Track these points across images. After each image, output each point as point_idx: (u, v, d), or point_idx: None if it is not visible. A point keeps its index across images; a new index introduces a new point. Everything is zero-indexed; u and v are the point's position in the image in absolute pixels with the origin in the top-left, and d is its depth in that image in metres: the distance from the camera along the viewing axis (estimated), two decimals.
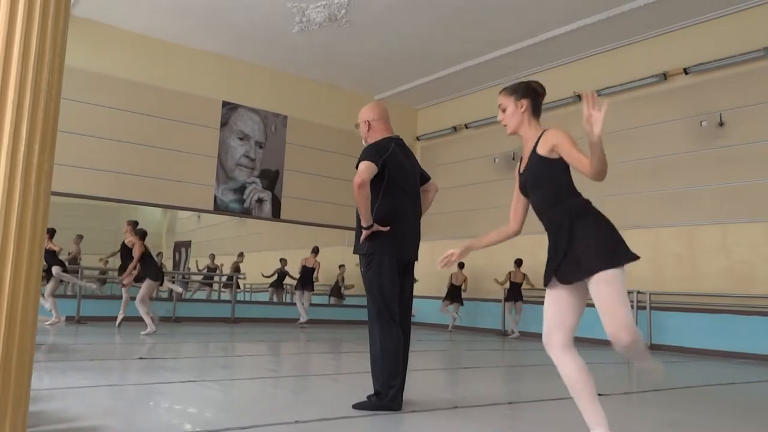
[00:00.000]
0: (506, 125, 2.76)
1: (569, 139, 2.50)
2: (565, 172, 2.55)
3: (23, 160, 1.86)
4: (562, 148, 2.49)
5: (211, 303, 13.40)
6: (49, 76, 1.94)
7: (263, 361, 6.48)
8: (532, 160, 2.63)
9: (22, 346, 1.86)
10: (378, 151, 3.59)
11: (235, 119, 11.78)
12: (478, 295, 11.93)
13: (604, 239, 2.43)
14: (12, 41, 1.86)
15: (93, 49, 10.14)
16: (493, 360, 7.46)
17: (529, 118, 2.71)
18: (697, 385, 5.71)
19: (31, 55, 1.89)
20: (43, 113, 1.92)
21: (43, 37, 1.92)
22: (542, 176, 2.59)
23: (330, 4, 9.43)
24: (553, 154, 2.54)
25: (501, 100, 2.77)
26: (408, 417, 3.38)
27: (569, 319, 2.50)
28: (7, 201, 1.83)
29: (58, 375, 4.41)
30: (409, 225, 3.68)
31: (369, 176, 3.48)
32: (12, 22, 1.86)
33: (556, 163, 2.54)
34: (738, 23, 8.88)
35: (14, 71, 1.86)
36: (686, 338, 8.80)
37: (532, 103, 2.71)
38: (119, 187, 10.37)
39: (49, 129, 1.94)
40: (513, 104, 2.72)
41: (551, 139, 2.54)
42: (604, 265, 2.35)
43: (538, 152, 2.59)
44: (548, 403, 4.11)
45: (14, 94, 1.85)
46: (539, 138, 2.61)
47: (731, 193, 8.72)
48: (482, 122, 12.37)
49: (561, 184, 2.56)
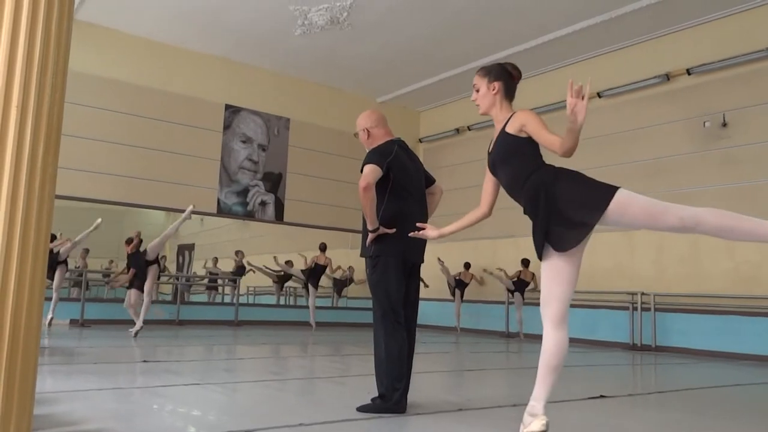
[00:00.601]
0: (478, 105, 2.84)
1: (538, 119, 2.58)
2: (534, 147, 2.63)
3: (27, 163, 1.86)
4: (531, 128, 2.57)
5: (214, 306, 13.41)
6: (53, 79, 1.95)
7: (266, 363, 6.48)
8: (501, 139, 2.71)
9: (27, 349, 1.86)
10: (382, 154, 3.60)
11: (238, 122, 11.80)
12: (482, 297, 11.91)
13: (584, 184, 2.50)
14: (16, 45, 1.87)
15: (96, 53, 10.18)
16: (498, 362, 7.45)
17: (501, 99, 2.78)
18: (702, 386, 5.69)
19: (35, 59, 1.89)
20: (47, 117, 1.92)
21: (47, 41, 1.93)
22: (510, 153, 2.66)
23: (332, 7, 9.45)
24: (522, 133, 2.61)
25: (475, 80, 2.84)
26: (412, 420, 3.38)
27: (563, 291, 2.53)
28: (12, 204, 1.83)
29: (63, 378, 4.41)
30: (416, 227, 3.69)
31: (374, 179, 3.48)
32: (16, 26, 1.87)
33: (524, 141, 2.62)
34: (741, 23, 8.87)
35: (18, 75, 1.86)
36: (691, 340, 8.77)
37: (505, 86, 2.80)
38: (122, 190, 10.39)
39: (53, 132, 1.95)
40: (486, 85, 2.80)
41: (520, 119, 2.62)
42: (603, 202, 2.40)
43: (506, 131, 2.67)
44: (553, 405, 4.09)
45: (18, 97, 1.86)
46: (509, 119, 2.70)
47: (735, 194, 8.69)
48: (485, 124, 12.34)
49: (529, 158, 2.63)
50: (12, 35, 1.86)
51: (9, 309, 1.82)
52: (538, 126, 2.55)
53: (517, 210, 2.84)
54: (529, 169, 2.60)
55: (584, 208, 2.44)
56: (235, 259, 14.46)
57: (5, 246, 1.82)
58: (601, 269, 10.05)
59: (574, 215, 2.45)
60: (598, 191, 2.45)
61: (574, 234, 2.46)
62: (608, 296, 9.81)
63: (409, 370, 3.54)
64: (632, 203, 2.40)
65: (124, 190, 10.41)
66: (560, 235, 2.47)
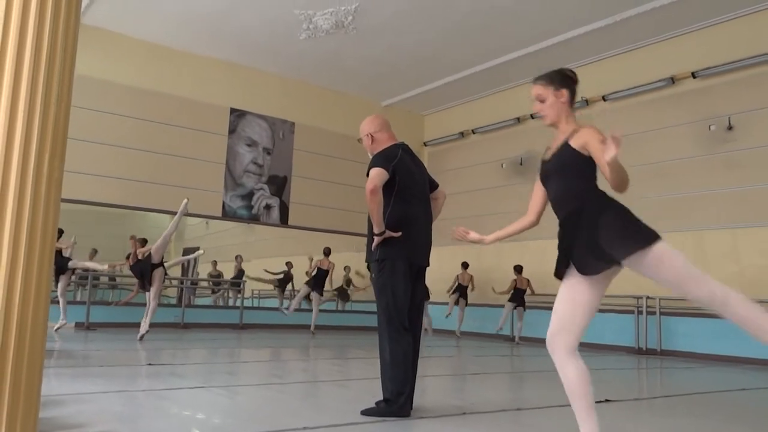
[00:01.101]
0: (545, 116, 2.67)
1: (602, 140, 2.43)
2: (593, 169, 2.50)
3: (34, 168, 1.88)
4: (594, 149, 2.44)
5: (219, 309, 13.42)
6: (60, 84, 1.96)
7: (271, 367, 6.48)
8: (562, 152, 2.57)
9: (33, 352, 1.87)
10: (387, 158, 3.61)
11: (243, 126, 11.83)
12: (486, 301, 11.89)
13: (629, 222, 2.38)
14: (24, 48, 1.88)
15: (102, 57, 10.23)
16: (502, 366, 7.43)
17: (567, 109, 2.65)
18: (708, 391, 5.66)
19: (42, 64, 1.91)
20: (54, 121, 1.94)
21: (54, 45, 1.94)
22: (567, 168, 2.54)
23: (337, 11, 9.48)
24: (584, 151, 2.49)
25: (537, 90, 2.68)
26: (416, 423, 3.38)
27: (580, 319, 2.42)
28: (18, 209, 1.85)
29: (68, 381, 4.43)
30: (421, 230, 3.68)
31: (381, 182, 3.50)
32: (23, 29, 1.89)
33: (585, 160, 2.49)
34: (746, 27, 8.85)
35: (25, 79, 1.88)
36: (696, 344, 8.73)
37: (570, 94, 2.66)
38: (128, 193, 10.43)
39: (59, 137, 1.96)
40: (552, 94, 2.64)
41: (586, 137, 2.49)
42: (641, 243, 2.30)
43: (570, 144, 2.54)
44: (556, 409, 4.08)
45: (25, 101, 1.87)
46: (574, 133, 2.55)
47: (740, 198, 8.66)
48: (489, 128, 12.37)
49: (585, 178, 2.51)
50: (19, 38, 1.88)
51: (15, 312, 1.83)
52: (601, 146, 2.41)
53: (522, 213, 2.83)
54: (581, 188, 2.50)
55: (618, 243, 2.34)
56: (235, 264, 14.49)
57: (12, 249, 1.83)
58: None
59: (606, 246, 2.35)
60: (638, 233, 2.35)
61: (599, 263, 2.36)
62: (613, 300, 9.77)
63: (414, 374, 3.54)
64: (668, 259, 2.30)
65: (129, 194, 10.44)
66: (585, 259, 2.39)
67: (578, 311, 2.42)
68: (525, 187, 11.74)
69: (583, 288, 2.42)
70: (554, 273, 2.52)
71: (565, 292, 2.47)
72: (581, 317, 2.43)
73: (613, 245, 2.34)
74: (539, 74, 2.73)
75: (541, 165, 2.70)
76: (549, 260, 3.08)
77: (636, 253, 2.30)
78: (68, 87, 2.01)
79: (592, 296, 2.43)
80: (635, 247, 2.31)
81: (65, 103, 1.99)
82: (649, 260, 2.30)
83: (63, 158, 1.99)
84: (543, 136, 11.44)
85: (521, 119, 11.78)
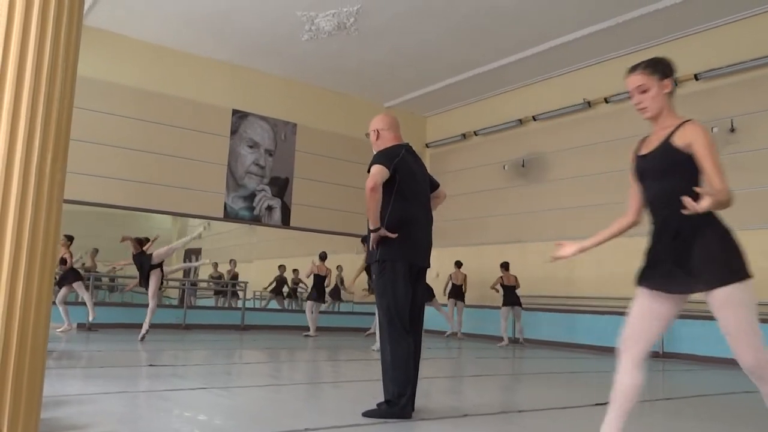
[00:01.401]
0: (645, 108, 2.43)
1: (711, 142, 2.22)
2: (696, 169, 2.25)
3: (36, 169, 1.88)
4: (699, 148, 2.21)
5: (221, 310, 13.43)
6: (62, 85, 1.96)
7: (272, 368, 6.48)
8: (663, 149, 2.33)
9: (35, 353, 1.87)
10: (389, 156, 3.62)
11: (245, 127, 11.84)
12: (485, 302, 11.87)
13: (730, 251, 2.20)
14: (26, 50, 1.89)
15: (105, 58, 10.25)
16: (503, 368, 7.42)
17: (670, 101, 2.42)
18: (710, 393, 5.65)
19: (45, 64, 1.91)
20: (56, 122, 1.94)
21: (56, 46, 1.94)
22: (669, 167, 2.30)
23: (339, 13, 9.48)
24: (688, 149, 2.25)
25: (639, 79, 2.40)
26: (418, 425, 3.37)
27: (652, 330, 2.30)
28: (20, 210, 1.85)
29: (70, 382, 4.43)
30: (422, 231, 3.69)
31: (381, 179, 3.50)
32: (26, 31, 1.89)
33: (688, 158, 2.25)
34: (749, 29, 8.84)
35: (28, 80, 1.88)
36: (700, 346, 8.71)
37: (673, 84, 2.42)
38: (130, 195, 10.44)
39: (61, 138, 1.96)
40: (657, 84, 2.38)
41: (691, 134, 2.26)
42: (724, 279, 2.13)
43: (672, 142, 2.30)
44: (558, 411, 4.08)
45: (27, 102, 1.87)
46: (677, 128, 2.32)
47: (744, 200, 8.59)
48: (491, 129, 12.36)
49: (688, 180, 2.24)
50: (22, 40, 1.88)
51: (17, 313, 1.83)
52: (708, 151, 2.19)
53: (524, 215, 2.83)
54: (682, 191, 2.14)
55: (711, 269, 2.17)
56: (229, 268, 14.50)
57: (14, 250, 1.83)
58: (609, 275, 10.02)
59: (698, 268, 2.19)
60: (733, 263, 2.18)
61: (686, 285, 2.22)
62: (616, 302, 9.76)
63: (415, 376, 3.53)
64: (740, 305, 2.16)
65: (130, 195, 10.45)
66: (674, 276, 2.22)
67: (654, 323, 2.31)
68: (527, 189, 11.82)
69: (662, 300, 2.29)
70: (636, 280, 2.35)
71: (642, 303, 2.33)
72: (655, 329, 2.32)
73: (705, 270, 2.17)
74: (637, 63, 2.46)
75: (636, 160, 2.49)
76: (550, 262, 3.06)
77: (716, 288, 2.14)
78: (71, 87, 2.01)
79: (671, 310, 2.31)
80: (728, 279, 2.14)
81: (68, 104, 1.99)
82: (722, 295, 2.16)
83: (65, 159, 1.99)
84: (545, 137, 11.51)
85: (523, 121, 11.77)
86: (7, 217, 1.83)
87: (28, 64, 1.89)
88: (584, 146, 10.68)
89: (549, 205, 11.03)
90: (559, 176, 11.05)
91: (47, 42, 1.92)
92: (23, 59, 1.89)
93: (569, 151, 10.95)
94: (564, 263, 10.99)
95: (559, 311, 10.58)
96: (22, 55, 1.89)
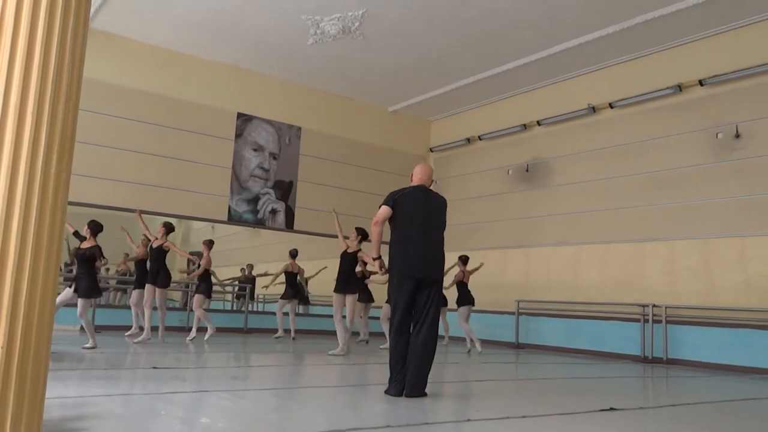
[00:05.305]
0: None
1: None
2: None
3: (41, 170, 1.88)
4: None
5: (225, 313, 13.44)
6: (68, 87, 1.97)
7: (276, 371, 6.47)
8: None
9: (38, 355, 1.87)
10: (392, 195, 4.63)
11: (250, 130, 11.87)
12: (492, 307, 11.86)
13: None
14: (33, 52, 1.90)
15: (110, 61, 10.28)
16: (507, 373, 7.40)
17: None
18: (714, 400, 5.62)
19: (51, 67, 1.92)
20: (62, 124, 1.95)
21: (62, 50, 1.95)
22: None
23: (344, 17, 9.51)
24: None
25: None
26: (420, 429, 3.36)
27: None
28: (25, 210, 1.85)
29: (73, 383, 4.44)
30: (417, 249, 4.47)
31: (383, 218, 4.56)
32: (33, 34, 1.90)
33: None
34: (754, 35, 8.83)
35: (34, 82, 1.89)
36: (703, 353, 8.68)
37: None
38: (134, 197, 10.46)
39: (67, 139, 1.97)
40: None
41: None
42: None
43: None
44: (562, 417, 4.06)
45: (33, 104, 1.88)
46: None
47: (748, 206, 8.62)
48: (496, 134, 12.36)
49: None
50: (28, 43, 1.89)
51: (21, 314, 1.83)
52: None
53: (528, 220, 2.82)
54: None
55: None
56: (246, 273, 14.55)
57: (18, 251, 1.84)
58: (612, 281, 9.99)
59: None
60: None
61: None
62: (619, 308, 9.74)
63: (414, 364, 4.34)
64: None
65: (135, 197, 10.47)
66: None
67: None
68: (531, 194, 11.80)
69: None
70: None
71: None
72: None
73: None
74: None
75: None
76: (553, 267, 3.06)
77: None
78: (77, 89, 2.02)
79: None
80: None
81: (73, 106, 2.00)
82: None
83: (71, 159, 2.00)
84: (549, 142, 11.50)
85: (527, 126, 11.77)
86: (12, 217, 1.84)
87: (34, 65, 1.90)
88: (589, 151, 10.67)
89: (553, 210, 11.01)
90: (564, 181, 11.04)
91: (53, 43, 1.93)
92: (30, 60, 1.90)
93: (573, 156, 10.94)
94: (567, 268, 10.98)
95: (562, 317, 10.55)
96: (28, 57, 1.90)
